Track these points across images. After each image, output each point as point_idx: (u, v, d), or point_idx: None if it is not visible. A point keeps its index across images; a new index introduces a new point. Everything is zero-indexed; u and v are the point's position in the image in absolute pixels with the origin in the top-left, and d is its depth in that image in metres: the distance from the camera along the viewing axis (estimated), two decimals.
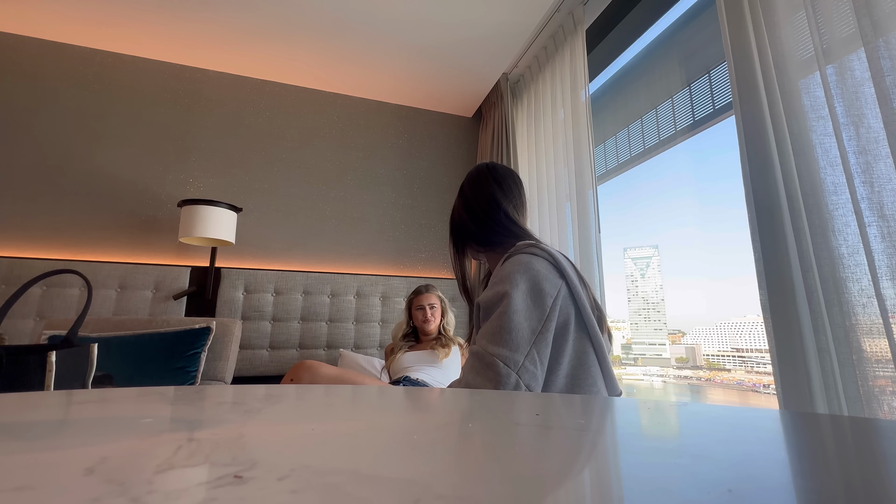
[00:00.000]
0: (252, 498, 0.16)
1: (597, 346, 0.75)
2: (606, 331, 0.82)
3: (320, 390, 0.49)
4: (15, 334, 1.78)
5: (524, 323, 0.71)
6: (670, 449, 0.26)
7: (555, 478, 0.20)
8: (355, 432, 0.28)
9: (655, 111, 1.79)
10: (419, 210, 2.66)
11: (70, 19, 1.99)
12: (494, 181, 0.93)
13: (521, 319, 0.71)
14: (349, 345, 2.25)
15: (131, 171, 2.16)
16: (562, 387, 0.72)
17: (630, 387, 3.32)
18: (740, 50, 1.09)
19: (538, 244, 0.83)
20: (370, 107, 2.66)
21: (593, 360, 0.75)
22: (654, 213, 43.77)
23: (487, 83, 2.48)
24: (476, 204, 0.92)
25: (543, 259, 0.78)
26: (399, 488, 0.18)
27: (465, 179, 0.97)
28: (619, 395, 0.78)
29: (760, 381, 2.72)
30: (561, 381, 0.72)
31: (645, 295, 4.53)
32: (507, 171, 0.96)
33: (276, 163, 2.41)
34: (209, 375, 1.74)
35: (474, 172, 0.96)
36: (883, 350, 0.78)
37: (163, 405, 0.34)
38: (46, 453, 0.21)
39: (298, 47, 2.18)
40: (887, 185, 0.80)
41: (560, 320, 0.74)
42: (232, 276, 2.12)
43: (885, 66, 0.79)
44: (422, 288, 1.90)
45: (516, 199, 0.93)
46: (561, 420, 0.33)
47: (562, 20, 1.91)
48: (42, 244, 1.98)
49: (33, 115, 2.06)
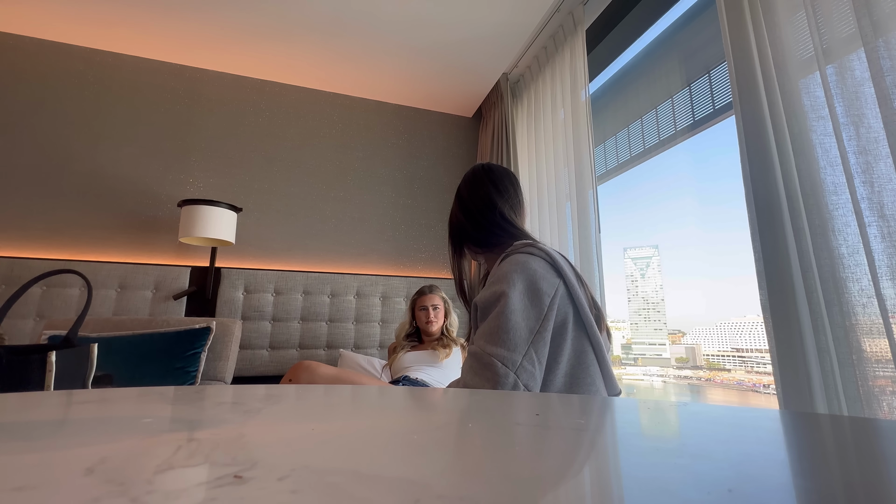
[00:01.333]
0: (252, 498, 0.16)
1: (595, 345, 0.75)
2: (605, 330, 0.82)
3: (320, 390, 0.49)
4: (15, 334, 1.78)
5: (522, 322, 0.71)
6: (670, 449, 0.26)
7: (555, 478, 0.20)
8: (355, 432, 0.28)
9: (655, 111, 1.79)
10: (419, 210, 2.66)
11: (70, 19, 1.99)
12: (490, 182, 0.93)
13: (518, 319, 0.71)
14: (349, 345, 2.25)
15: (131, 171, 2.16)
16: (560, 386, 0.72)
17: (630, 387, 3.32)
18: (740, 50, 1.09)
19: (535, 244, 0.83)
20: (370, 107, 2.66)
21: (592, 359, 0.75)
22: (654, 213, 43.82)
23: (487, 83, 2.48)
24: (472, 205, 0.92)
25: (540, 258, 0.78)
26: (399, 488, 0.18)
27: (461, 181, 0.97)
28: (618, 395, 0.78)
29: (760, 381, 2.72)
30: (560, 381, 0.72)
31: (645, 295, 4.53)
32: (503, 171, 0.96)
33: (276, 163, 2.41)
34: (209, 375, 1.74)
35: (470, 173, 0.96)
36: (883, 350, 0.78)
37: (163, 405, 0.34)
38: (46, 453, 0.21)
39: (298, 47, 2.18)
40: (887, 185, 0.80)
41: (558, 319, 0.73)
42: (232, 276, 2.12)
43: (885, 66, 0.79)
44: (425, 288, 1.90)
45: (513, 199, 0.93)
46: (561, 420, 0.33)
47: (562, 20, 1.91)
48: (42, 244, 1.98)
49: (33, 116, 2.06)
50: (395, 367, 1.74)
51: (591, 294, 0.83)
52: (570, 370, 0.73)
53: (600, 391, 0.74)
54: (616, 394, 0.78)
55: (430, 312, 1.82)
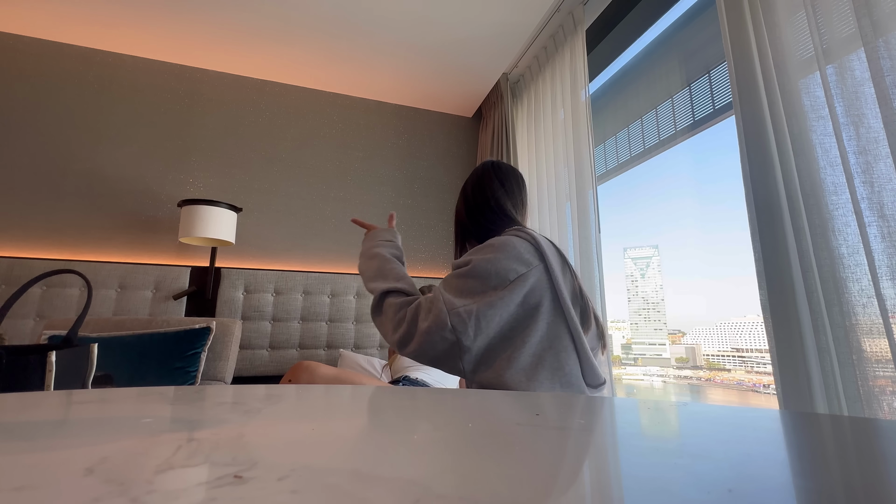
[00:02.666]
0: (252, 498, 0.16)
1: (575, 334, 0.79)
2: (594, 323, 0.85)
3: (320, 390, 0.49)
4: (15, 334, 1.78)
5: (477, 285, 0.76)
6: (670, 449, 0.26)
7: (555, 478, 0.20)
8: (355, 432, 0.28)
9: (655, 111, 1.79)
10: (419, 210, 2.66)
11: (70, 19, 1.99)
12: (497, 179, 0.95)
13: (473, 282, 0.77)
14: (349, 345, 2.25)
15: (131, 171, 2.16)
16: (525, 365, 0.75)
17: (630, 387, 3.32)
18: (740, 50, 1.09)
19: (523, 228, 0.87)
20: (370, 107, 2.66)
21: (567, 346, 0.78)
22: (654, 213, 43.82)
23: (487, 83, 2.48)
24: (475, 201, 0.94)
25: (524, 240, 0.82)
26: (399, 488, 0.18)
27: (469, 176, 0.99)
28: (602, 384, 0.80)
29: (760, 381, 2.72)
30: (525, 359, 0.75)
31: (645, 295, 4.53)
32: (509, 169, 0.98)
33: (276, 163, 2.41)
34: (209, 375, 1.74)
35: (479, 169, 0.99)
36: (883, 350, 0.78)
37: (163, 405, 0.34)
38: (46, 453, 0.21)
39: (298, 47, 2.18)
40: (887, 185, 0.80)
41: (530, 300, 0.77)
42: (232, 276, 2.12)
43: (885, 66, 0.79)
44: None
45: (516, 196, 0.95)
46: (561, 420, 0.33)
47: (562, 20, 1.91)
48: (42, 244, 1.98)
49: (33, 116, 2.06)
50: (396, 367, 1.74)
51: (580, 286, 0.85)
52: (540, 352, 0.76)
53: (572, 379, 0.77)
54: (599, 384, 0.81)
55: None
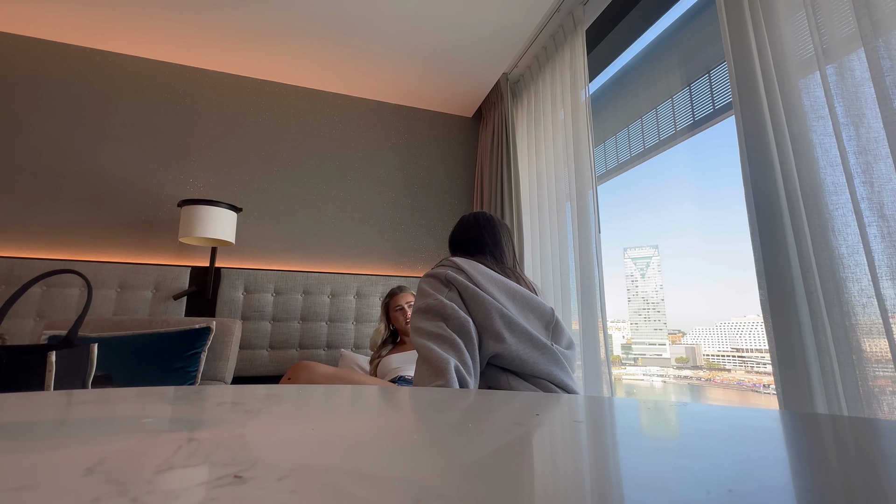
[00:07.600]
0: (252, 498, 0.16)
1: (505, 353, 0.88)
2: (558, 337, 0.97)
3: (320, 390, 0.49)
4: (15, 334, 1.78)
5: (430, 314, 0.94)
6: (670, 449, 0.26)
7: (555, 478, 0.20)
8: (355, 432, 0.28)
9: (655, 111, 1.79)
10: (419, 210, 2.66)
11: (70, 19, 1.99)
12: (482, 228, 1.15)
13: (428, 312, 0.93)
14: (349, 345, 2.25)
15: (131, 171, 2.16)
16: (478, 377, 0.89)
17: (630, 387, 3.32)
18: (740, 50, 1.09)
19: (444, 260, 1.03)
20: (370, 107, 2.66)
21: (494, 365, 0.90)
22: (654, 214, 43.77)
23: (487, 83, 2.48)
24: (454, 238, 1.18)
25: (433, 278, 0.97)
26: (399, 488, 0.18)
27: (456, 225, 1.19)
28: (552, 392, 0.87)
29: (760, 381, 2.72)
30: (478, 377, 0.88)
31: (645, 295, 4.53)
32: (500, 223, 1.16)
33: (276, 163, 2.41)
34: (209, 375, 1.74)
35: (471, 218, 1.18)
36: (883, 350, 0.78)
37: (163, 405, 0.34)
38: (46, 453, 0.21)
39: (298, 47, 2.18)
40: (887, 185, 0.80)
41: (453, 325, 0.89)
42: (232, 276, 2.12)
43: (885, 66, 0.79)
44: (396, 289, 1.86)
45: (490, 241, 1.13)
46: (561, 420, 0.33)
47: (562, 20, 1.91)
48: (42, 244, 1.98)
49: (33, 115, 2.06)
50: (382, 370, 1.67)
51: (541, 304, 0.97)
52: (482, 369, 0.89)
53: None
54: (551, 390, 0.88)
55: (406, 311, 1.78)
